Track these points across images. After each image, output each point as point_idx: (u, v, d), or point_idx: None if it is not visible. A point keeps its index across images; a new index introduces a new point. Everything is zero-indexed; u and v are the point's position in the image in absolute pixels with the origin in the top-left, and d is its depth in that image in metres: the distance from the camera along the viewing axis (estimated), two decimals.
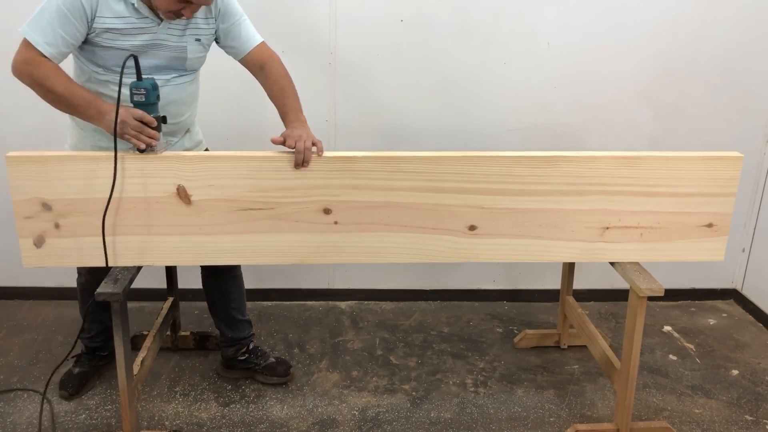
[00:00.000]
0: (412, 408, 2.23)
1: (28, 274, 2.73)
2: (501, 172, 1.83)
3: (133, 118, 1.71)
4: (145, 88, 1.72)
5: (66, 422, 2.10)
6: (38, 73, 1.72)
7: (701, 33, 2.68)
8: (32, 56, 1.72)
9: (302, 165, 1.78)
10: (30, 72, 1.73)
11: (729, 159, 1.87)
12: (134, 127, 1.71)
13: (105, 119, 1.73)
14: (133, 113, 1.71)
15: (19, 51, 1.74)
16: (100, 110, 1.74)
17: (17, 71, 1.75)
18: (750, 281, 3.01)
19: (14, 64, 1.75)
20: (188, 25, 1.86)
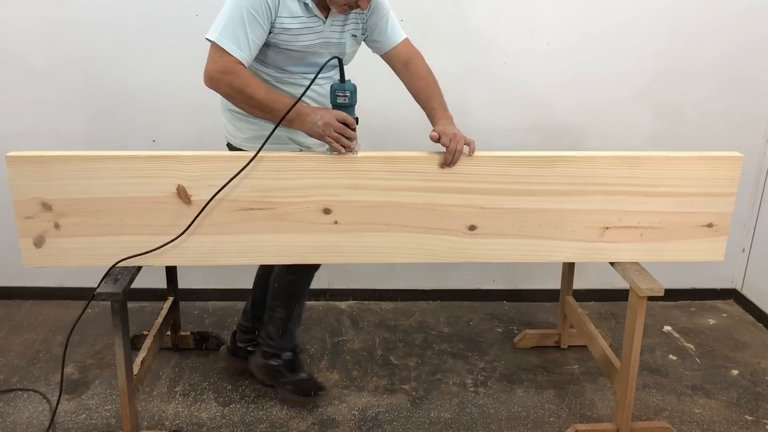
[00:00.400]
0: (412, 408, 2.23)
1: (28, 274, 2.73)
2: (501, 172, 1.83)
3: (337, 120, 1.72)
4: (349, 90, 1.74)
5: (66, 422, 2.10)
6: (238, 81, 1.72)
7: (701, 33, 2.68)
8: (229, 65, 1.71)
9: (449, 165, 1.78)
10: (230, 81, 1.72)
11: (729, 159, 1.87)
12: (337, 129, 1.72)
13: (306, 122, 1.73)
14: (337, 115, 1.72)
15: (214, 61, 1.73)
16: (300, 113, 1.74)
17: (214, 81, 1.74)
18: (750, 281, 3.01)
19: (210, 74, 1.74)
20: (347, 22, 1.86)
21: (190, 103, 2.63)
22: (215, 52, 1.73)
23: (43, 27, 2.52)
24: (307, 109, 1.75)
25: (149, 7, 2.50)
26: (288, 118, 1.74)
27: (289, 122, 1.75)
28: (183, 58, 2.58)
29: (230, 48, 1.71)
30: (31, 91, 2.60)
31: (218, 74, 1.73)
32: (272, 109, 1.73)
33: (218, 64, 1.72)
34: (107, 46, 2.55)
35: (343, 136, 1.74)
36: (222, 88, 1.75)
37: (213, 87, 1.77)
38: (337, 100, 1.74)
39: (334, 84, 1.75)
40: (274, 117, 1.76)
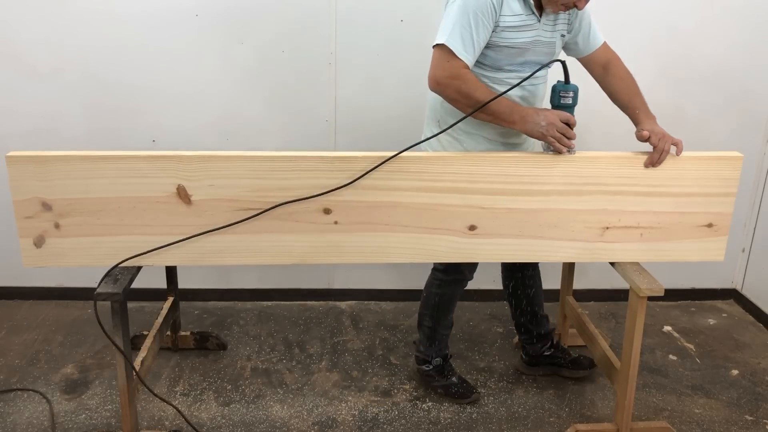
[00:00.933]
0: (412, 408, 2.23)
1: (28, 274, 2.73)
2: (501, 172, 1.83)
3: (560, 120, 1.74)
4: (573, 90, 1.76)
5: (66, 422, 2.10)
6: (466, 86, 1.73)
7: (701, 33, 2.68)
8: (458, 70, 1.73)
9: (655, 165, 1.80)
10: (458, 86, 1.73)
11: (729, 159, 1.87)
12: (560, 129, 1.74)
13: (529, 122, 1.75)
14: (560, 115, 1.74)
15: (441, 66, 1.74)
16: (522, 115, 1.76)
17: (441, 86, 1.76)
18: (750, 281, 3.01)
19: (438, 78, 1.75)
20: (557, 21, 1.88)
21: (190, 103, 2.63)
22: (442, 56, 1.74)
23: (43, 27, 2.52)
24: (530, 110, 1.78)
25: (149, 7, 2.50)
26: (510, 120, 1.77)
27: (511, 123, 1.78)
28: (183, 58, 2.58)
29: (459, 52, 1.72)
30: (31, 91, 2.60)
31: (446, 79, 1.74)
32: (495, 110, 1.76)
33: (446, 69, 1.73)
34: (107, 46, 2.55)
35: (564, 136, 1.76)
36: (449, 92, 1.76)
37: (439, 91, 1.78)
38: (561, 100, 1.77)
39: (557, 84, 1.78)
40: (495, 119, 1.79)
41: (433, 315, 2.23)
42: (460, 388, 2.26)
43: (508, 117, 1.77)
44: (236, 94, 2.64)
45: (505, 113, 1.76)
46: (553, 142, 1.77)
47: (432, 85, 1.78)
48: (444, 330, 2.26)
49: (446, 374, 2.29)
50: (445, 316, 2.24)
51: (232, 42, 2.57)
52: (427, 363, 2.29)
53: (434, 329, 2.25)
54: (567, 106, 1.78)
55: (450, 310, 2.24)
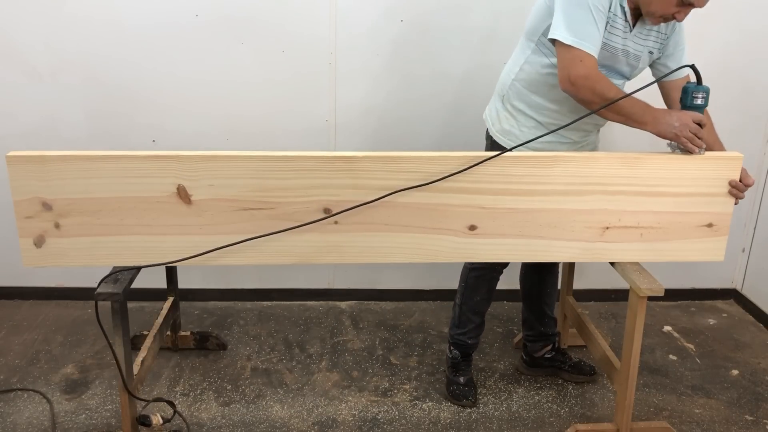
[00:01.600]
0: (412, 408, 2.23)
1: (28, 274, 2.73)
2: (501, 172, 1.83)
3: (692, 121, 1.75)
4: (705, 91, 1.78)
5: (66, 422, 2.10)
6: (600, 85, 1.73)
7: (701, 33, 2.68)
8: (591, 69, 1.72)
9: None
10: (592, 86, 1.73)
11: (729, 159, 1.87)
12: (693, 129, 1.76)
13: (661, 123, 1.77)
14: (693, 116, 1.76)
15: (574, 65, 1.72)
16: (655, 116, 1.78)
17: (576, 86, 1.74)
18: (750, 281, 3.01)
19: (573, 79, 1.72)
20: (649, 37, 1.88)
21: (190, 103, 2.63)
22: (574, 56, 1.72)
23: (43, 27, 2.52)
24: (661, 111, 1.79)
25: (149, 7, 2.50)
26: (643, 121, 1.78)
27: (643, 124, 1.79)
28: (183, 58, 2.58)
29: (590, 50, 1.71)
30: (31, 91, 2.60)
31: (582, 80, 1.72)
32: (629, 111, 1.77)
33: (581, 69, 1.71)
34: (107, 46, 2.55)
35: (696, 136, 1.77)
36: (583, 92, 1.75)
37: (573, 91, 1.76)
38: (694, 101, 1.78)
39: (690, 85, 1.79)
40: (627, 119, 1.79)
41: (462, 292, 2.26)
42: (459, 390, 2.26)
43: (640, 118, 1.78)
44: (236, 94, 2.64)
45: (638, 114, 1.78)
46: (686, 143, 1.78)
47: (565, 85, 1.76)
48: (471, 314, 2.26)
49: (457, 371, 2.30)
50: (471, 297, 2.24)
51: (232, 42, 2.57)
52: (450, 348, 2.33)
53: (461, 308, 2.26)
54: (699, 107, 1.80)
55: (477, 291, 2.23)
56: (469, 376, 2.31)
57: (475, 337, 2.31)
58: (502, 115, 2.04)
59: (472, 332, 2.29)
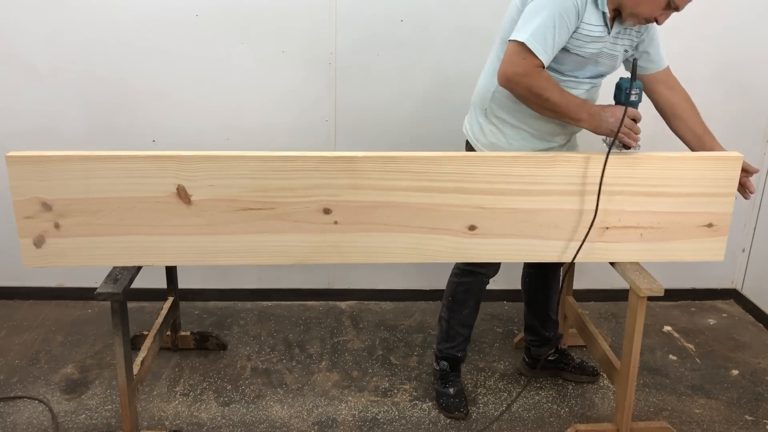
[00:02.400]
0: (412, 408, 2.23)
1: (28, 274, 2.73)
2: (501, 172, 1.83)
3: (628, 118, 1.76)
4: (639, 88, 1.78)
5: (66, 422, 2.10)
6: (537, 84, 1.73)
7: (701, 33, 2.68)
8: (530, 68, 1.72)
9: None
10: (528, 84, 1.73)
11: (729, 159, 1.87)
12: (628, 125, 1.77)
13: (596, 120, 1.78)
14: (628, 112, 1.76)
15: (515, 63, 1.72)
16: (591, 113, 1.79)
17: (512, 83, 1.75)
18: (750, 281, 3.01)
19: (510, 76, 1.74)
20: (625, 37, 1.89)
21: (190, 103, 2.63)
22: (518, 53, 1.72)
23: (43, 26, 2.52)
24: (597, 107, 1.80)
25: (149, 8, 2.50)
26: (579, 118, 1.79)
27: (579, 121, 1.80)
28: (183, 58, 2.58)
29: (537, 51, 1.71)
30: (31, 91, 2.60)
31: (518, 77, 1.73)
32: (564, 109, 1.78)
33: (520, 66, 1.72)
34: (107, 46, 2.55)
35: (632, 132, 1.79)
36: (518, 90, 1.76)
37: (509, 88, 1.77)
38: (630, 98, 1.79)
39: (623, 81, 1.79)
40: (562, 117, 1.80)
41: (450, 306, 2.21)
42: (450, 402, 2.20)
43: (576, 114, 1.79)
44: (236, 94, 2.64)
45: (574, 111, 1.78)
46: (622, 138, 1.79)
47: (502, 81, 1.77)
48: (459, 327, 2.21)
49: (446, 383, 2.24)
50: (460, 310, 2.19)
51: (232, 42, 2.57)
52: (437, 361, 2.27)
53: (449, 322, 2.21)
54: (633, 103, 1.80)
55: (466, 305, 2.19)
56: (458, 387, 2.24)
57: (463, 349, 2.26)
58: (487, 129, 2.00)
59: (461, 345, 2.24)
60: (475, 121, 2.05)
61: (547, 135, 1.96)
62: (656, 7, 1.76)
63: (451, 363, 2.26)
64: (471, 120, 2.07)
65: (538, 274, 2.31)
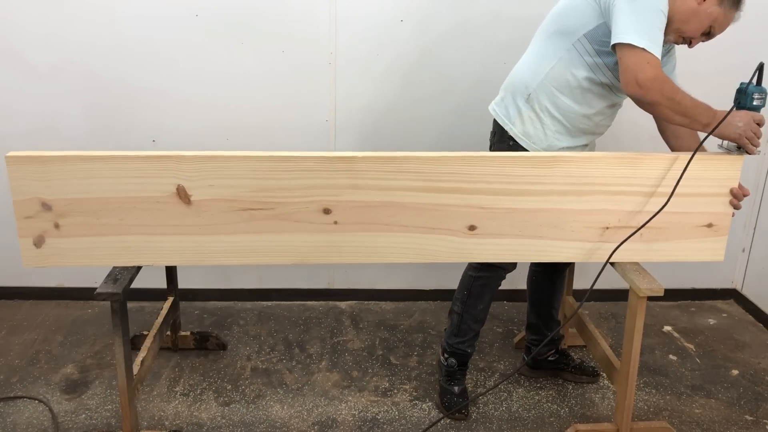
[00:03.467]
0: (412, 408, 2.23)
1: (28, 274, 2.74)
2: (501, 172, 1.83)
3: (754, 122, 1.75)
4: (763, 93, 1.77)
5: (66, 422, 2.10)
6: (669, 87, 1.72)
7: None
8: (658, 71, 1.69)
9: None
10: (661, 88, 1.71)
11: (729, 159, 1.87)
12: (754, 130, 1.76)
13: (724, 125, 1.77)
14: (754, 117, 1.75)
15: (643, 68, 1.69)
16: (716, 118, 1.77)
17: (644, 89, 1.70)
18: (750, 281, 3.01)
19: (642, 82, 1.69)
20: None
21: (190, 103, 2.63)
22: (642, 58, 1.68)
23: (43, 27, 2.52)
24: (722, 112, 1.79)
25: (149, 7, 2.50)
26: (706, 122, 1.78)
27: (707, 126, 1.78)
28: (183, 58, 2.58)
29: (657, 53, 1.69)
30: (31, 91, 2.60)
31: (650, 82, 1.69)
32: (693, 113, 1.76)
33: (648, 72, 1.68)
34: (107, 46, 2.55)
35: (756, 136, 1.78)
36: (652, 95, 1.72)
37: (640, 94, 1.72)
38: (753, 102, 1.78)
39: (750, 87, 1.78)
40: (692, 122, 1.78)
41: (465, 300, 2.18)
42: (453, 401, 2.20)
43: (705, 119, 1.77)
44: (236, 94, 2.64)
45: (703, 115, 1.77)
46: (747, 144, 1.79)
47: (633, 89, 1.71)
48: (472, 323, 2.19)
49: (452, 381, 2.23)
50: (475, 305, 2.17)
51: (232, 42, 2.57)
52: (444, 356, 2.25)
53: (462, 317, 2.19)
54: (757, 108, 1.80)
55: (481, 299, 2.17)
56: (463, 386, 2.24)
57: (473, 345, 2.24)
58: (526, 115, 1.97)
59: (471, 340, 2.22)
60: (512, 104, 2.00)
61: (580, 133, 1.96)
62: (700, 28, 1.77)
63: (460, 359, 2.23)
64: (508, 104, 2.02)
65: (545, 274, 2.30)
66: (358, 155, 1.79)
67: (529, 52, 2.01)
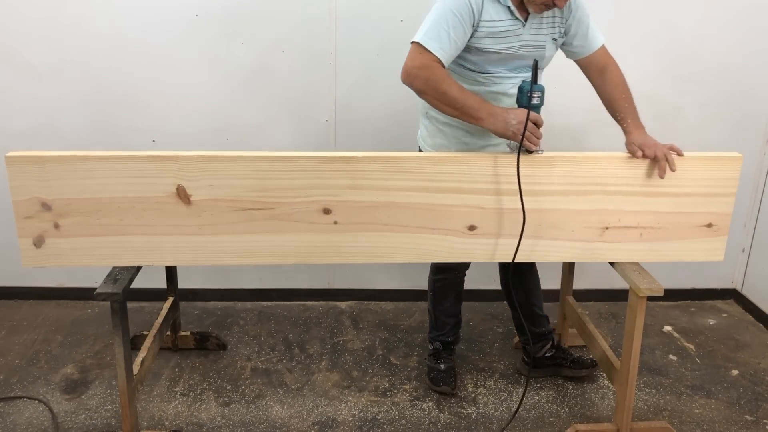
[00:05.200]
0: (412, 408, 2.23)
1: (28, 274, 2.73)
2: (501, 172, 1.83)
3: (531, 121, 1.75)
4: (541, 91, 1.76)
5: (66, 422, 2.10)
6: (434, 76, 1.75)
7: (701, 33, 2.68)
8: (427, 61, 1.75)
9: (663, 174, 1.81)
10: (426, 76, 1.75)
11: (729, 159, 1.87)
12: (530, 128, 1.75)
13: (498, 120, 1.76)
14: (531, 116, 1.75)
15: (413, 58, 1.77)
16: (491, 112, 1.77)
17: (410, 77, 1.78)
18: (750, 281, 3.00)
19: (408, 70, 1.77)
20: (547, 25, 1.88)
21: (190, 103, 2.63)
22: (416, 50, 1.77)
23: (43, 27, 2.52)
24: (498, 108, 1.79)
25: (149, 7, 2.50)
26: (478, 117, 1.77)
27: (479, 120, 1.78)
28: (183, 58, 2.58)
29: (431, 46, 1.74)
30: (31, 91, 2.60)
31: (415, 70, 1.76)
32: (463, 105, 1.77)
33: (417, 60, 1.76)
34: (107, 46, 2.55)
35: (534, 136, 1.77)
36: (417, 83, 1.77)
37: (408, 83, 1.79)
38: (532, 101, 1.77)
39: (525, 84, 1.77)
40: (463, 114, 1.79)
41: (432, 299, 2.34)
42: (439, 376, 2.29)
43: (476, 113, 1.77)
44: (236, 94, 2.64)
45: (474, 108, 1.77)
46: (525, 142, 1.76)
47: (403, 77, 1.79)
48: (444, 317, 2.34)
49: (438, 360, 2.34)
50: (441, 303, 2.32)
51: (232, 42, 2.57)
52: (430, 344, 2.40)
53: (434, 314, 2.35)
54: (535, 107, 1.77)
55: (446, 297, 2.31)
56: (450, 364, 2.34)
57: (453, 334, 2.38)
58: (430, 130, 2.06)
59: (450, 331, 2.36)
60: (420, 124, 2.11)
61: (482, 132, 1.93)
62: None
63: (444, 344, 2.37)
64: (419, 127, 2.13)
65: (514, 273, 2.29)
66: (358, 155, 1.79)
67: None
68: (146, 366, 2.02)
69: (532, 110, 1.76)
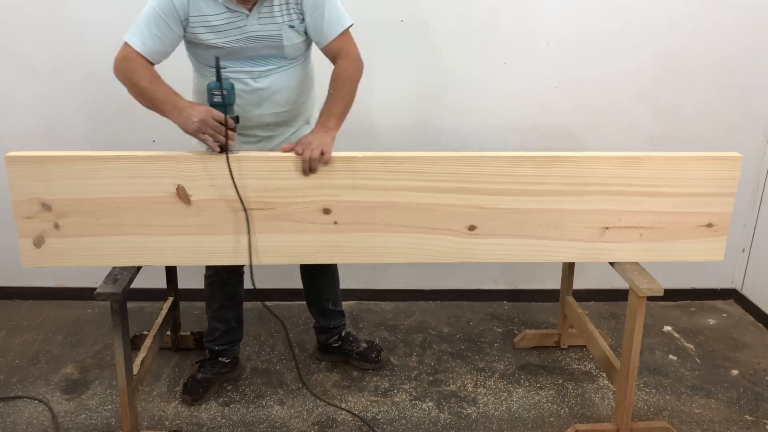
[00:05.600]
0: (412, 408, 2.23)
1: (28, 274, 2.73)
2: (501, 172, 1.83)
3: (212, 118, 1.72)
4: (225, 89, 1.73)
5: (66, 422, 2.10)
6: (129, 68, 1.78)
7: (701, 33, 2.68)
8: (127, 54, 1.79)
9: (309, 172, 1.79)
10: (124, 67, 1.78)
11: (729, 159, 1.87)
12: (213, 127, 1.73)
13: (181, 115, 1.74)
14: (213, 113, 1.73)
15: (119, 51, 1.81)
16: (176, 106, 1.75)
17: (115, 69, 1.80)
18: (750, 281, 3.00)
19: (114, 63, 1.80)
20: (280, 12, 1.85)
21: None
22: (123, 45, 1.80)
23: (43, 27, 2.51)
24: (184, 103, 1.76)
25: None
26: (164, 110, 1.77)
27: (165, 113, 1.78)
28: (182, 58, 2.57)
29: (132, 41, 1.78)
30: (31, 91, 2.60)
31: (118, 62, 1.80)
32: (152, 97, 1.77)
33: (120, 53, 1.80)
34: (107, 46, 2.53)
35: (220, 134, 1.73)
36: (118, 75, 1.80)
37: (116, 75, 1.81)
38: (213, 99, 1.73)
39: (210, 83, 1.74)
40: (153, 107, 1.79)
41: (206, 300, 2.30)
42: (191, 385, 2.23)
43: (162, 105, 1.76)
44: None
45: (161, 101, 1.76)
46: (206, 140, 1.74)
47: (113, 70, 1.81)
48: (214, 322, 2.27)
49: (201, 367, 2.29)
50: (211, 304, 2.27)
51: None
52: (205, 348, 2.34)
53: (208, 317, 2.30)
54: (220, 105, 1.73)
55: (214, 299, 2.26)
56: (208, 375, 2.26)
57: (224, 343, 2.29)
58: None
59: (219, 339, 2.28)
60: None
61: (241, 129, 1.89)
62: None
63: (210, 353, 2.31)
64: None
65: (308, 271, 2.38)
66: (358, 155, 1.79)
67: None
68: (146, 366, 2.02)
69: (217, 108, 1.72)
